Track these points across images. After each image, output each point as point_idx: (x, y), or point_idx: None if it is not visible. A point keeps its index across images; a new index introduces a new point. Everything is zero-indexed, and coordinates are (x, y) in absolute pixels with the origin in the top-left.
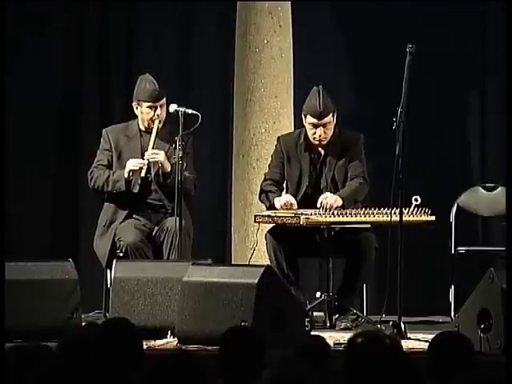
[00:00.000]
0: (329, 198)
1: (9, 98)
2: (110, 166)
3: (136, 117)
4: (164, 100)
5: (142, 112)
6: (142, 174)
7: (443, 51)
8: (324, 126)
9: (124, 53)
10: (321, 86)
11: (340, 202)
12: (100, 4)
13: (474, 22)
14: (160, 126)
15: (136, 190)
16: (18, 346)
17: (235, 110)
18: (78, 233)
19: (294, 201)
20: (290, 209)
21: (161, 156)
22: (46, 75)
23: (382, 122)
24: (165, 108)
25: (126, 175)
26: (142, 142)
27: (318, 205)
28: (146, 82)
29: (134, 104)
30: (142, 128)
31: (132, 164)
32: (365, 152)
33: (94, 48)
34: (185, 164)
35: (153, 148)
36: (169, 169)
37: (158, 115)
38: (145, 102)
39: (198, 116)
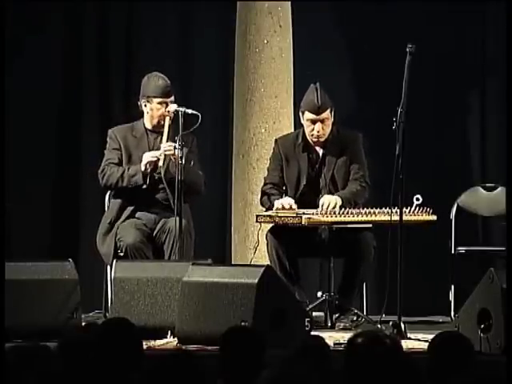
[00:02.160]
0: (330, 202)
1: (9, 97)
2: (120, 165)
3: (140, 117)
4: (173, 97)
5: (152, 109)
6: (160, 163)
7: (443, 51)
8: (322, 121)
9: (124, 53)
10: (318, 83)
11: (339, 203)
12: (100, 4)
13: (474, 22)
14: (170, 122)
15: (144, 186)
16: (17, 346)
17: (235, 110)
18: (78, 233)
19: (292, 202)
20: (290, 210)
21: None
22: (46, 75)
23: (382, 122)
24: (173, 105)
25: (143, 168)
26: (149, 142)
27: (319, 208)
28: (157, 79)
29: (143, 102)
30: (149, 127)
31: (150, 155)
32: (364, 151)
33: (94, 48)
34: (192, 162)
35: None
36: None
37: (168, 111)
38: (156, 97)
39: (198, 116)
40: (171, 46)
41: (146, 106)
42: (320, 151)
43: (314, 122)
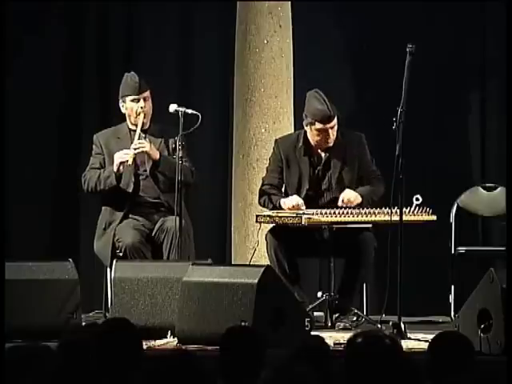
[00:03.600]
0: (350, 195)
1: (9, 98)
2: (102, 169)
3: (125, 119)
4: (147, 93)
5: (127, 107)
6: (129, 163)
7: (443, 51)
8: (332, 128)
9: (124, 53)
10: (318, 90)
11: (359, 200)
12: (100, 4)
13: (474, 22)
14: (146, 120)
15: (131, 188)
16: (17, 346)
17: (235, 110)
18: (78, 233)
19: (301, 202)
20: (298, 209)
21: (146, 146)
22: (46, 75)
23: (381, 122)
24: (149, 102)
25: (115, 169)
26: (131, 141)
27: (340, 202)
28: (127, 78)
29: (120, 103)
30: (132, 127)
31: (119, 156)
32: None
33: (94, 48)
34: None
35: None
36: (158, 157)
37: (141, 107)
38: (128, 96)
39: (198, 116)
40: (171, 46)
41: (123, 106)
42: (322, 154)
43: (324, 130)
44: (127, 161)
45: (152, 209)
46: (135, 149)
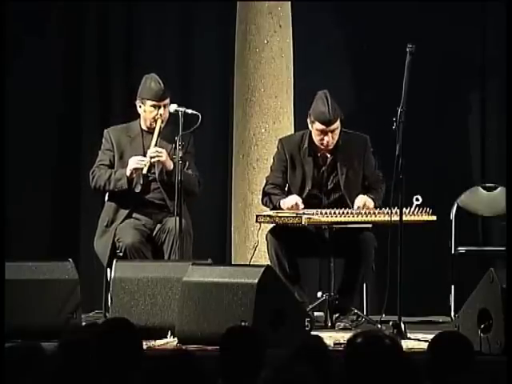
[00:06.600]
0: (367, 200)
1: (9, 97)
2: (111, 166)
3: (137, 117)
4: (168, 100)
5: (145, 111)
6: (144, 171)
7: (443, 51)
8: (332, 131)
9: (124, 53)
10: (327, 91)
11: (373, 205)
12: (100, 4)
13: (475, 21)
14: (162, 125)
15: (138, 189)
16: (17, 346)
17: (235, 110)
18: (78, 233)
19: (300, 201)
20: (297, 209)
21: (163, 155)
22: (46, 75)
23: (381, 122)
24: (168, 108)
25: (128, 173)
26: (143, 142)
27: (355, 207)
28: (151, 81)
29: (138, 102)
30: (144, 128)
31: (135, 162)
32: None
33: (94, 48)
34: (187, 163)
35: (155, 146)
36: (171, 167)
37: (160, 114)
38: (149, 100)
39: (198, 116)
40: (171, 46)
41: (140, 107)
42: (328, 154)
43: (323, 132)
44: (142, 169)
45: (156, 209)
46: (151, 157)
